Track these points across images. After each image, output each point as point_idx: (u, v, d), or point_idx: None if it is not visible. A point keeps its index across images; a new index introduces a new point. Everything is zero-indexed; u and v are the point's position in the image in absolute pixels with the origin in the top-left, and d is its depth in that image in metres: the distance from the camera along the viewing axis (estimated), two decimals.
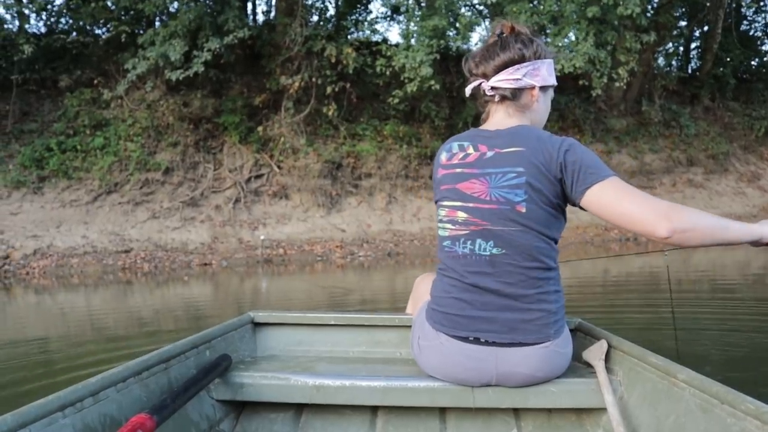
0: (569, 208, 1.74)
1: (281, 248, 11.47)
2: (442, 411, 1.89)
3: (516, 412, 1.86)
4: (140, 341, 4.32)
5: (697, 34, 19.47)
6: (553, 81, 1.83)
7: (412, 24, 12.15)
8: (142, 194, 11.88)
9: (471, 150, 1.74)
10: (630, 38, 12.10)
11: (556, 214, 1.68)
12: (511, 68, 1.77)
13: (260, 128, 13.04)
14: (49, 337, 4.72)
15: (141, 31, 12.38)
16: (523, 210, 1.64)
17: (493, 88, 1.79)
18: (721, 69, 18.14)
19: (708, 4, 16.76)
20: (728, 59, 18.13)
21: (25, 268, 9.90)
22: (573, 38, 11.72)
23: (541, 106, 1.83)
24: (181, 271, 9.88)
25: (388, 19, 16.13)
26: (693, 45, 19.91)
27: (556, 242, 1.72)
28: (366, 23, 14.51)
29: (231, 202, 12.30)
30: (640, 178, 15.44)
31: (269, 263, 10.73)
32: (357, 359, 2.19)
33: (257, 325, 2.32)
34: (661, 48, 17.20)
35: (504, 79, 1.77)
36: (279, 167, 12.97)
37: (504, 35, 1.82)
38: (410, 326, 2.00)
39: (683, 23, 18.78)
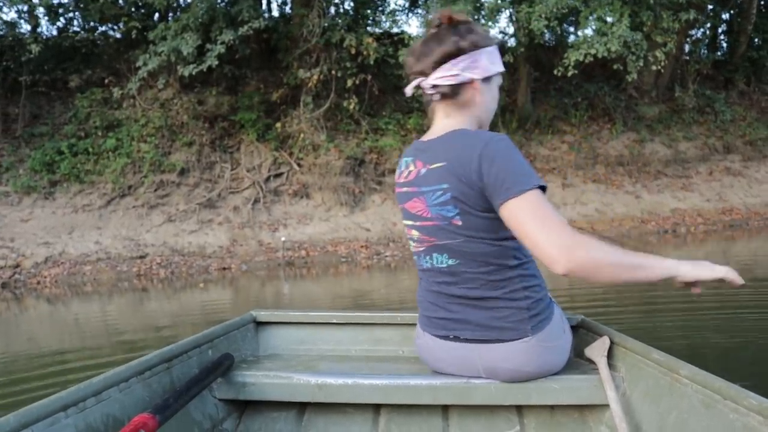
0: (603, 200, 1.36)
1: (303, 250, 10.97)
2: (445, 408, 1.90)
3: (519, 408, 1.87)
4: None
5: (725, 16, 18.90)
6: (497, 69, 1.74)
7: (436, 12, 11.55)
8: (156, 197, 11.43)
9: (412, 167, 1.74)
10: (667, 17, 11.42)
11: (496, 215, 1.59)
12: (449, 63, 1.69)
13: (278, 125, 12.55)
14: (65, 349, 4.52)
15: (152, 27, 11.90)
16: (460, 223, 1.63)
17: (433, 86, 1.71)
18: (757, 52, 17.43)
19: None
20: (764, 41, 17.42)
21: (36, 277, 9.47)
22: (608, 20, 11.07)
23: (486, 98, 1.75)
24: (199, 277, 9.44)
25: (406, 12, 15.63)
26: (720, 29, 19.36)
27: (512, 239, 1.63)
28: (384, 15, 14.00)
29: (249, 202, 11.82)
30: (674, 167, 14.79)
31: (291, 266, 10.26)
32: (359, 358, 2.20)
33: (259, 324, 2.33)
34: (694, 30, 16.50)
35: (442, 76, 1.69)
36: (299, 165, 12.48)
37: (442, 26, 1.73)
38: (412, 324, 2.12)
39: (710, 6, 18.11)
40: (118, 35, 13.34)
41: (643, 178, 14.20)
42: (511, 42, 13.63)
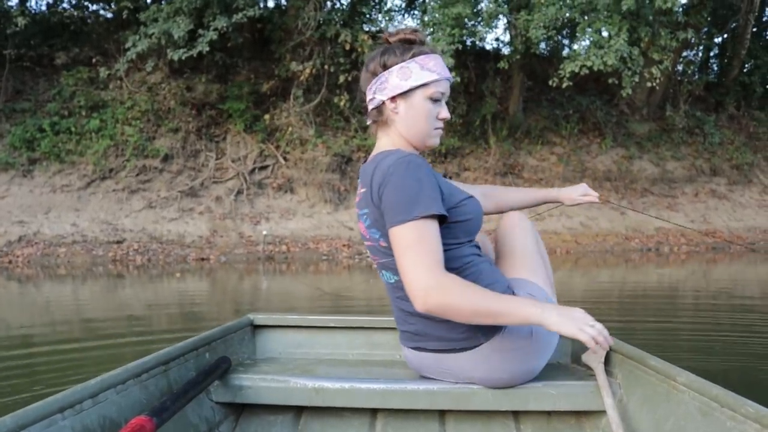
0: (588, 214, 1.36)
1: (284, 245, 10.79)
2: (442, 413, 1.89)
3: (515, 414, 1.86)
4: (131, 339, 3.91)
5: (717, 40, 18.98)
6: (411, 83, 1.70)
7: (433, 13, 11.44)
8: (138, 182, 11.19)
9: (359, 188, 1.78)
10: (665, 35, 11.38)
11: None
12: (369, 88, 1.77)
13: (267, 117, 12.37)
14: (32, 332, 4.33)
15: (144, 8, 11.65)
16: (385, 244, 1.66)
17: (368, 111, 1.80)
18: (749, 77, 17.51)
19: (742, 5, 16.06)
20: (756, 66, 17.51)
21: (8, 255, 9.21)
22: (605, 34, 11.01)
23: (407, 114, 1.73)
24: (176, 266, 9.23)
25: (403, 12, 15.51)
26: (712, 52, 19.45)
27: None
28: (381, 14, 13.86)
29: (232, 193, 11.62)
30: (661, 186, 14.81)
31: (271, 260, 10.08)
32: (356, 362, 2.20)
33: (256, 327, 2.32)
34: (686, 52, 16.54)
35: (369, 100, 1.78)
36: (285, 159, 12.30)
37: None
38: None
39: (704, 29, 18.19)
40: (109, 15, 13.10)
41: (629, 195, 14.18)
42: (506, 50, 13.58)
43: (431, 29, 11.56)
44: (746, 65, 17.86)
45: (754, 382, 3.08)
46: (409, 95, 1.72)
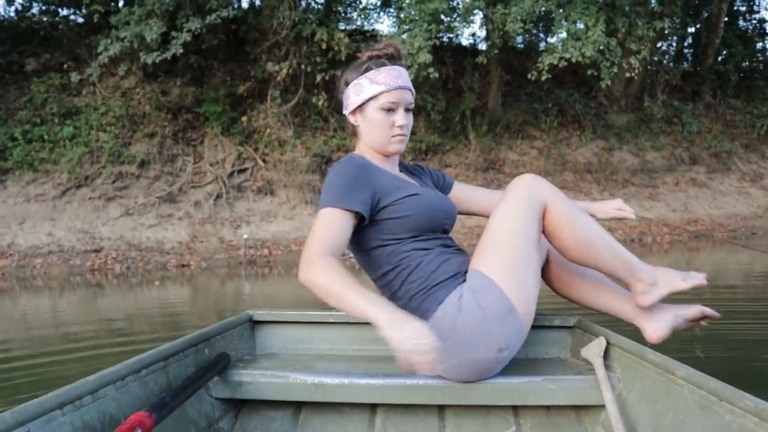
0: None
1: (266, 248, 10.64)
2: (441, 408, 1.91)
3: (515, 409, 1.88)
4: (111, 350, 3.82)
5: (691, 30, 19.10)
6: (363, 97, 1.85)
7: (410, 10, 11.34)
8: (114, 189, 10.98)
9: None
10: (642, 25, 11.37)
11: (357, 231, 1.78)
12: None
13: (244, 119, 12.19)
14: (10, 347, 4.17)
15: (115, 12, 11.43)
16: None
17: None
18: (723, 65, 17.63)
19: None
20: (730, 55, 17.64)
21: None
22: (581, 26, 10.97)
23: (364, 126, 1.87)
24: (156, 273, 9.04)
25: (379, 11, 15.41)
26: (687, 42, 19.59)
27: (376, 248, 1.81)
28: (356, 12, 13.75)
29: (212, 198, 11.44)
30: (642, 176, 14.83)
31: (253, 264, 9.92)
32: (356, 357, 2.20)
33: (256, 323, 2.33)
34: (660, 43, 16.59)
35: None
36: (264, 161, 12.14)
37: None
38: None
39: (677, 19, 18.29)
40: (80, 19, 12.84)
41: (610, 186, 14.18)
42: (483, 46, 13.52)
43: (408, 26, 11.48)
44: (720, 54, 17.98)
45: (743, 371, 3.07)
46: (363, 108, 1.86)
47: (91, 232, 10.16)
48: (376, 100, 1.83)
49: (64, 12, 12.92)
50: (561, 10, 10.99)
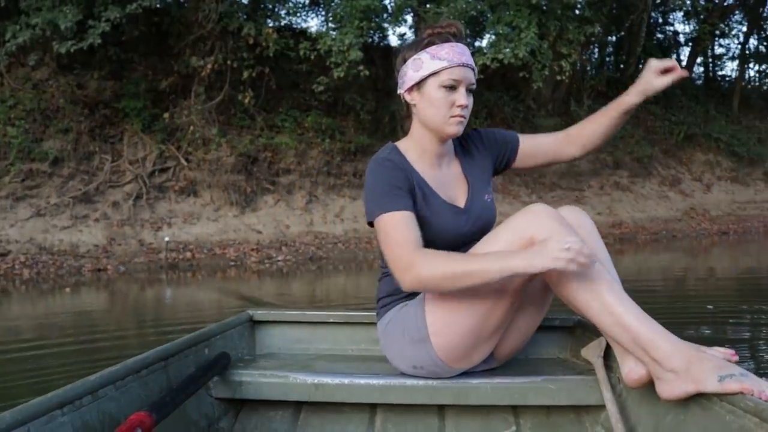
0: (500, 209, 1.99)
1: (188, 251, 10.17)
2: (441, 408, 1.91)
3: (515, 409, 1.88)
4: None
5: (612, 39, 19.68)
6: (423, 72, 1.74)
7: (340, 7, 11.11)
8: (24, 188, 10.26)
9: None
10: (573, 29, 11.48)
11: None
12: (397, 84, 1.85)
13: (166, 115, 11.66)
14: None
15: None
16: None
17: None
18: None
19: (639, 3, 16.62)
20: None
21: None
22: (512, 29, 10.99)
23: (421, 104, 1.78)
24: (70, 278, 8.50)
25: (307, 9, 15.12)
26: (609, 50, 20.19)
27: None
28: (285, 7, 13.39)
29: (131, 198, 10.86)
30: (569, 179, 15.07)
31: (175, 269, 9.47)
32: (356, 357, 2.21)
33: (256, 323, 2.34)
34: (586, 50, 16.95)
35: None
36: (187, 160, 11.64)
37: None
38: None
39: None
40: None
41: (539, 189, 14.32)
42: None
43: (338, 23, 11.26)
44: (641, 63, 18.48)
45: None
46: (422, 85, 1.75)
47: None
48: (437, 77, 1.72)
49: None
50: (490, 15, 11.01)
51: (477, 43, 15.03)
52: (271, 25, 12.53)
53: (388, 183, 1.69)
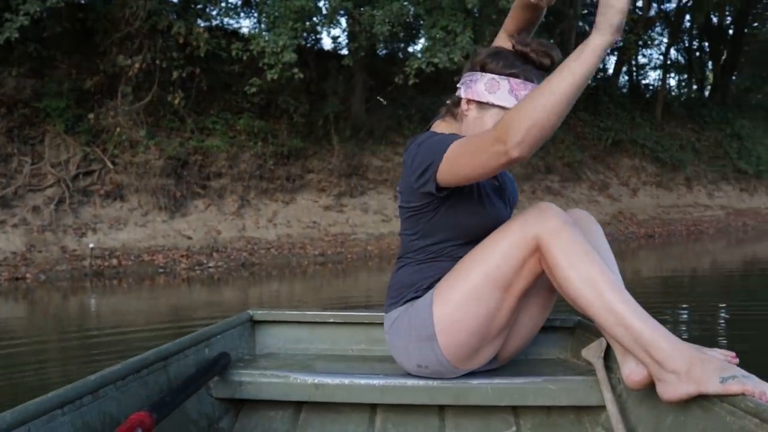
0: None
1: (115, 258, 9.78)
2: (441, 408, 1.91)
3: (515, 409, 1.89)
4: None
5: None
6: (493, 99, 1.71)
7: (274, 7, 10.91)
8: None
9: None
10: None
11: (413, 213, 1.77)
12: (464, 77, 1.81)
13: (91, 116, 11.19)
14: None
15: None
16: (400, 219, 1.86)
17: None
18: None
19: (570, 11, 16.98)
20: None
21: None
22: (447, 33, 11.02)
23: (474, 122, 1.75)
24: None
25: (239, 10, 14.81)
26: None
27: (416, 234, 1.81)
28: (216, 9, 13.09)
29: (53, 203, 10.37)
30: None
31: (100, 276, 9.09)
32: (356, 357, 2.22)
33: (256, 323, 2.35)
34: None
35: (459, 84, 1.82)
36: (113, 163, 11.20)
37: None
38: None
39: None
40: None
41: None
42: (346, 51, 13.29)
43: (272, 24, 11.06)
44: None
45: None
46: (485, 108, 1.73)
47: None
48: (503, 112, 1.70)
49: None
50: (424, 19, 11.01)
51: (410, 48, 15.08)
52: (202, 24, 12.24)
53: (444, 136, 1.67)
